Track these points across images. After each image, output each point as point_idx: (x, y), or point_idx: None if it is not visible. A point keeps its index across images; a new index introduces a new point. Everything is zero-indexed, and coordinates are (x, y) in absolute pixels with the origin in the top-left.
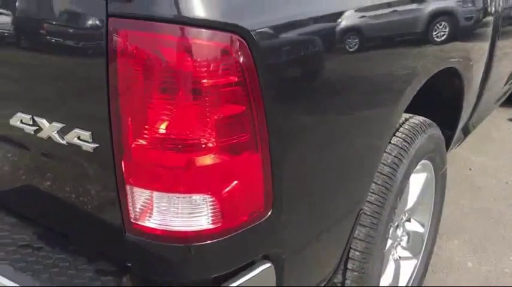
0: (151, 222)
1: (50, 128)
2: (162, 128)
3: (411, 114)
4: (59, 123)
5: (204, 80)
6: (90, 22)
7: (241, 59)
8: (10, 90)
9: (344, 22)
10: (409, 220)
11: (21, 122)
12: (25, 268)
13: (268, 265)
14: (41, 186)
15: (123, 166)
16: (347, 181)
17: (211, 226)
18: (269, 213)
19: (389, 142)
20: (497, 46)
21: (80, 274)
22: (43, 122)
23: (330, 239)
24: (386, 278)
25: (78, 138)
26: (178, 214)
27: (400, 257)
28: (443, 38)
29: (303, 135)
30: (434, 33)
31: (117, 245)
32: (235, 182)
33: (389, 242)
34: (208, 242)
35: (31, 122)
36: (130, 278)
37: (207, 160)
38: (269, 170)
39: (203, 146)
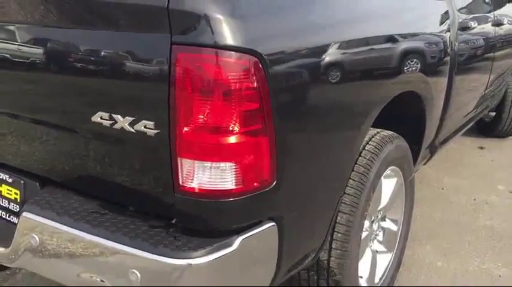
0: (193, 184)
1: (123, 121)
2: (203, 118)
3: (382, 129)
4: (131, 117)
5: (231, 86)
6: (158, 49)
7: (256, 72)
8: (93, 96)
9: (328, 57)
10: (384, 219)
11: (101, 118)
12: (97, 224)
13: (272, 223)
14: (110, 165)
15: (176, 144)
16: (328, 172)
17: (234, 187)
18: (274, 183)
19: (364, 148)
20: (455, 79)
21: (138, 227)
22: (118, 117)
23: (318, 217)
24: (365, 267)
25: (145, 127)
26: (211, 177)
27: (377, 251)
28: (404, 70)
29: (298, 132)
30: (396, 66)
31: (167, 206)
32: (251, 156)
33: (366, 233)
34: (232, 199)
35: (108, 118)
36: (175, 229)
37: (232, 139)
38: (274, 151)
39: (230, 129)
